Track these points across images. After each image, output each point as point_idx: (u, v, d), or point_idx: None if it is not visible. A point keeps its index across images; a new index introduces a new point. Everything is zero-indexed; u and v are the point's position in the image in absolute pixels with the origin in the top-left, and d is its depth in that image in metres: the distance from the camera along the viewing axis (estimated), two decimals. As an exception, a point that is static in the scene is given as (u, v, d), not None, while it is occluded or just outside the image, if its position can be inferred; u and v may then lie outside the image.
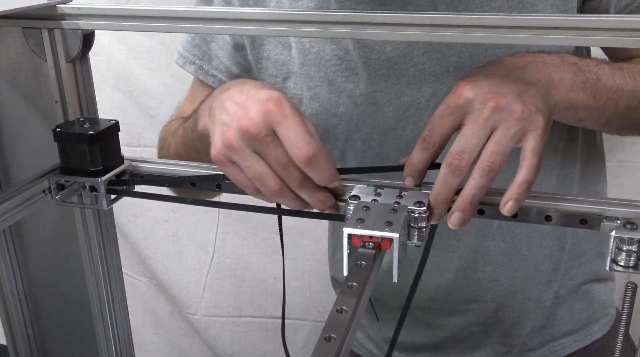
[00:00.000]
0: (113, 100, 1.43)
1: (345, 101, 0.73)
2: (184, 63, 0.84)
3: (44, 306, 0.72)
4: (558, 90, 0.57)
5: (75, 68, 0.62)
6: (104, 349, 0.71)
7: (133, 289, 1.57)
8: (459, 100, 0.52)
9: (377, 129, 0.74)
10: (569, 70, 0.59)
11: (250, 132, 0.52)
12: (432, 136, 0.54)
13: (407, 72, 0.71)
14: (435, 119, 0.54)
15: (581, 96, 0.59)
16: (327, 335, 0.39)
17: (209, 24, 0.56)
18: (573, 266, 0.83)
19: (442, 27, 0.51)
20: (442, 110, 0.53)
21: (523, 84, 0.54)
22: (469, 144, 0.51)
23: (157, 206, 1.49)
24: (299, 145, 0.51)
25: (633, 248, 0.47)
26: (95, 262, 0.67)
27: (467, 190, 0.51)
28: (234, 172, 0.55)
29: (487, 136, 0.51)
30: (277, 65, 0.76)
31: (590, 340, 0.85)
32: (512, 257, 0.79)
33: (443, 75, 0.70)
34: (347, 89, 0.73)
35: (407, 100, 0.72)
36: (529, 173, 0.51)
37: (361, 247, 0.49)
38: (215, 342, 1.57)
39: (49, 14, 0.58)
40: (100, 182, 0.60)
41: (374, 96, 0.72)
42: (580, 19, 0.49)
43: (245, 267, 1.52)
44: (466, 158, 0.51)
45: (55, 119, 0.63)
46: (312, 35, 0.70)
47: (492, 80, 0.53)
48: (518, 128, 0.51)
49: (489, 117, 0.51)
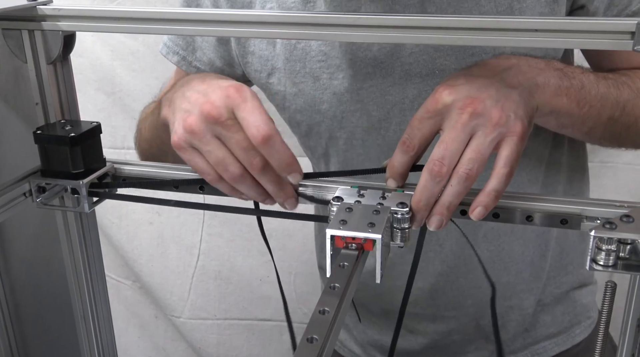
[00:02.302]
0: (97, 102, 1.42)
1: (330, 98, 0.73)
2: (168, 52, 0.84)
3: (26, 310, 0.72)
4: (542, 93, 0.57)
5: (56, 70, 0.61)
6: (87, 353, 0.70)
7: (117, 293, 1.56)
8: (437, 105, 0.53)
9: (360, 127, 0.74)
10: (554, 74, 0.59)
11: (212, 115, 0.53)
12: (412, 140, 0.54)
13: (393, 72, 0.71)
14: (414, 122, 0.54)
15: (565, 102, 0.59)
16: (309, 336, 0.39)
17: (192, 26, 0.56)
18: (560, 275, 0.84)
19: (427, 29, 0.51)
20: (421, 114, 0.54)
21: (504, 87, 0.54)
22: (448, 149, 0.51)
23: (141, 208, 1.48)
24: (256, 125, 0.52)
25: (612, 247, 0.47)
26: (77, 265, 0.67)
27: (445, 196, 0.52)
28: (195, 159, 0.55)
29: (466, 142, 0.52)
30: (262, 61, 0.76)
31: (572, 343, 0.86)
32: (495, 264, 0.79)
33: (428, 77, 0.70)
34: (331, 85, 0.73)
35: (392, 100, 0.72)
36: (498, 182, 0.52)
37: (344, 249, 0.49)
38: (200, 345, 1.56)
39: (30, 15, 0.58)
40: (81, 185, 0.60)
41: (358, 94, 0.72)
42: (565, 21, 0.49)
43: (230, 269, 1.51)
44: (446, 164, 0.51)
45: (36, 121, 0.62)
46: (295, 37, 0.70)
47: (472, 85, 0.53)
48: (495, 134, 0.51)
49: (466, 122, 0.51)
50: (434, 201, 0.53)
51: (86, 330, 0.70)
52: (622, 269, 0.48)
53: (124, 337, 1.59)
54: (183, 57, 0.83)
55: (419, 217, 0.53)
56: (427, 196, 0.52)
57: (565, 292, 0.85)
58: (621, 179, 1.31)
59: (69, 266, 0.67)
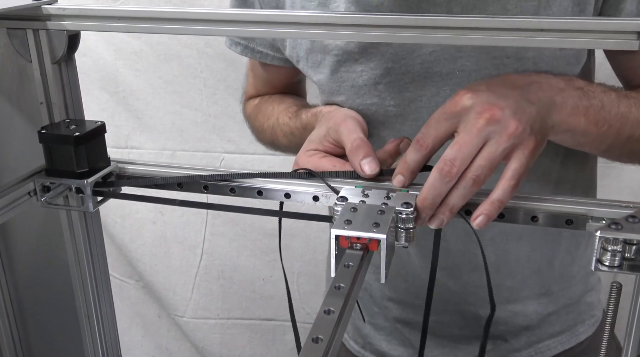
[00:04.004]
0: (100, 101, 1.42)
1: (347, 91, 0.74)
2: (231, 44, 0.87)
3: (30, 309, 0.72)
4: (558, 113, 0.57)
5: (60, 69, 0.61)
6: (91, 352, 0.70)
7: (120, 292, 1.56)
8: (456, 107, 0.53)
9: (376, 121, 0.74)
10: (573, 94, 0.59)
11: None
12: (426, 139, 0.54)
13: (413, 69, 0.71)
14: (431, 121, 0.55)
15: (582, 122, 0.59)
16: (314, 336, 0.39)
17: (195, 25, 0.56)
18: (569, 284, 0.84)
19: (442, 29, 0.51)
20: (439, 114, 0.54)
21: (523, 101, 0.54)
22: (461, 151, 0.52)
23: (145, 208, 1.48)
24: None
25: (618, 248, 0.47)
26: (81, 264, 0.67)
27: (450, 198, 0.53)
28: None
29: (479, 147, 0.52)
30: (290, 48, 0.77)
31: (575, 341, 0.86)
32: (501, 267, 0.79)
33: (448, 77, 0.70)
34: (349, 78, 0.73)
35: (409, 97, 0.72)
36: (503, 194, 0.52)
37: (349, 249, 0.49)
38: (203, 344, 1.56)
39: (34, 15, 0.58)
40: (86, 184, 0.60)
41: (376, 88, 0.72)
42: (570, 21, 0.49)
43: (233, 269, 1.51)
44: (457, 165, 0.52)
45: (40, 120, 0.62)
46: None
47: (493, 93, 0.54)
48: (508, 144, 0.52)
49: (482, 127, 0.52)
50: (440, 200, 0.53)
51: (90, 329, 0.70)
52: (628, 270, 0.48)
53: (127, 336, 1.59)
54: (245, 46, 0.85)
55: (423, 216, 0.54)
56: (433, 195, 0.53)
57: (570, 297, 0.85)
58: (625, 179, 1.30)
59: (73, 265, 0.67)
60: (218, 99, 1.38)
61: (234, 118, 1.37)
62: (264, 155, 1.39)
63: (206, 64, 1.36)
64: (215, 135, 1.42)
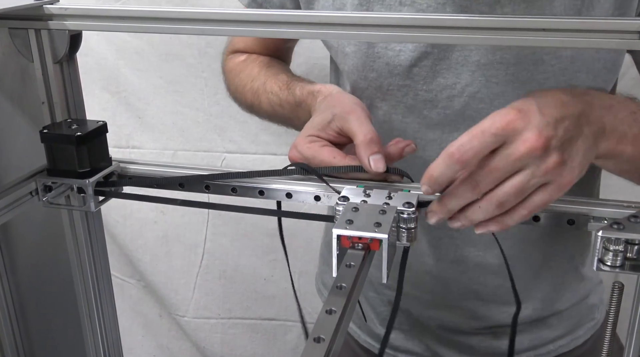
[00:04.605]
0: (101, 101, 1.42)
1: (380, 67, 0.72)
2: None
3: (31, 308, 0.72)
4: (606, 140, 0.54)
5: (62, 69, 0.61)
6: (92, 351, 0.71)
7: (121, 291, 1.56)
8: (506, 127, 0.50)
9: (403, 104, 0.73)
10: (623, 119, 0.56)
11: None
12: (465, 154, 0.50)
13: (451, 55, 0.69)
14: (476, 133, 0.50)
15: (629, 149, 0.56)
16: (316, 336, 0.39)
17: (197, 25, 0.56)
18: (571, 287, 0.84)
19: (448, 29, 0.51)
20: (486, 127, 0.50)
21: (574, 128, 0.51)
22: (491, 175, 0.50)
23: (146, 207, 1.48)
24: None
25: (620, 248, 0.47)
26: (83, 264, 0.67)
27: (471, 213, 0.52)
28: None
29: (512, 173, 0.50)
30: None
31: (575, 344, 0.86)
32: (501, 267, 0.79)
33: (485, 67, 0.69)
34: (386, 55, 0.72)
35: (443, 83, 0.71)
36: (511, 221, 0.52)
37: (350, 248, 0.49)
38: (204, 344, 1.56)
39: (36, 15, 0.58)
40: (88, 184, 0.60)
41: (410, 70, 0.71)
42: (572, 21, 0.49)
43: (235, 268, 1.51)
44: (480, 188, 0.51)
45: (42, 120, 0.62)
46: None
47: (544, 116, 0.50)
48: (542, 179, 0.50)
49: (522, 157, 0.49)
50: (457, 208, 0.53)
51: (91, 328, 0.70)
52: (630, 270, 0.48)
53: (128, 336, 1.59)
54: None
55: (440, 217, 0.54)
56: (456, 203, 0.53)
57: (571, 305, 0.85)
58: (626, 179, 1.30)
59: (74, 265, 0.67)
60: (219, 98, 1.38)
61: (236, 118, 1.37)
62: (265, 155, 1.39)
63: (208, 63, 1.36)
64: (216, 135, 1.42)
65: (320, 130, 0.63)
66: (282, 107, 0.78)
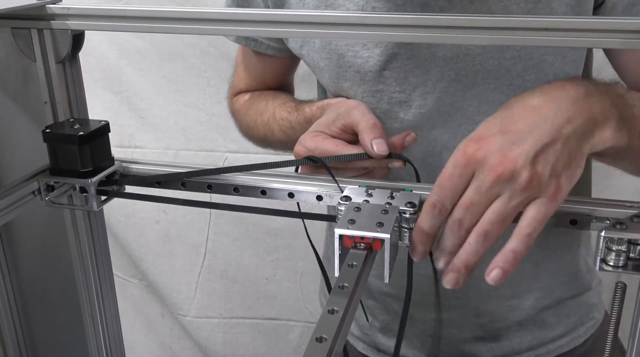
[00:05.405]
0: (104, 101, 1.42)
1: (352, 76, 0.73)
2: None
3: (34, 308, 0.72)
4: (600, 132, 0.51)
5: (65, 68, 0.61)
6: (95, 351, 0.71)
7: (124, 291, 1.56)
8: (468, 162, 0.49)
9: (379, 109, 0.74)
10: (615, 104, 0.53)
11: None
12: (443, 203, 0.50)
13: (419, 54, 0.70)
14: (443, 181, 0.50)
15: (625, 136, 0.53)
16: (318, 336, 0.39)
17: (201, 25, 0.56)
18: (569, 280, 0.84)
19: (445, 29, 0.51)
20: (450, 171, 0.50)
21: (548, 132, 0.49)
22: (469, 212, 0.49)
23: (148, 207, 1.48)
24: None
25: (622, 248, 0.47)
26: (85, 263, 0.67)
27: (463, 254, 0.50)
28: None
29: (489, 204, 0.49)
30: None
31: (574, 344, 0.86)
32: None
33: (452, 61, 0.69)
34: (355, 64, 0.73)
35: (414, 82, 0.71)
36: (518, 243, 0.48)
37: (353, 248, 0.49)
38: (206, 343, 1.57)
39: (39, 14, 0.58)
40: (90, 183, 0.60)
41: (381, 74, 0.72)
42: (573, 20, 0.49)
43: (237, 268, 1.51)
44: (466, 225, 0.49)
45: (44, 119, 0.62)
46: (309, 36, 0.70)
47: (507, 135, 0.49)
48: (522, 198, 0.48)
49: (492, 185, 0.48)
50: (453, 251, 0.51)
51: (94, 328, 0.70)
52: (632, 270, 0.48)
53: (130, 335, 1.59)
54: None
55: (420, 250, 0.52)
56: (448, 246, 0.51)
57: (571, 295, 0.85)
58: (629, 179, 1.29)
59: (76, 264, 0.67)
60: (221, 98, 1.38)
61: (237, 118, 1.37)
62: (267, 155, 1.38)
63: (210, 63, 1.36)
64: (218, 134, 1.42)
65: (324, 127, 0.65)
66: (293, 130, 0.79)
